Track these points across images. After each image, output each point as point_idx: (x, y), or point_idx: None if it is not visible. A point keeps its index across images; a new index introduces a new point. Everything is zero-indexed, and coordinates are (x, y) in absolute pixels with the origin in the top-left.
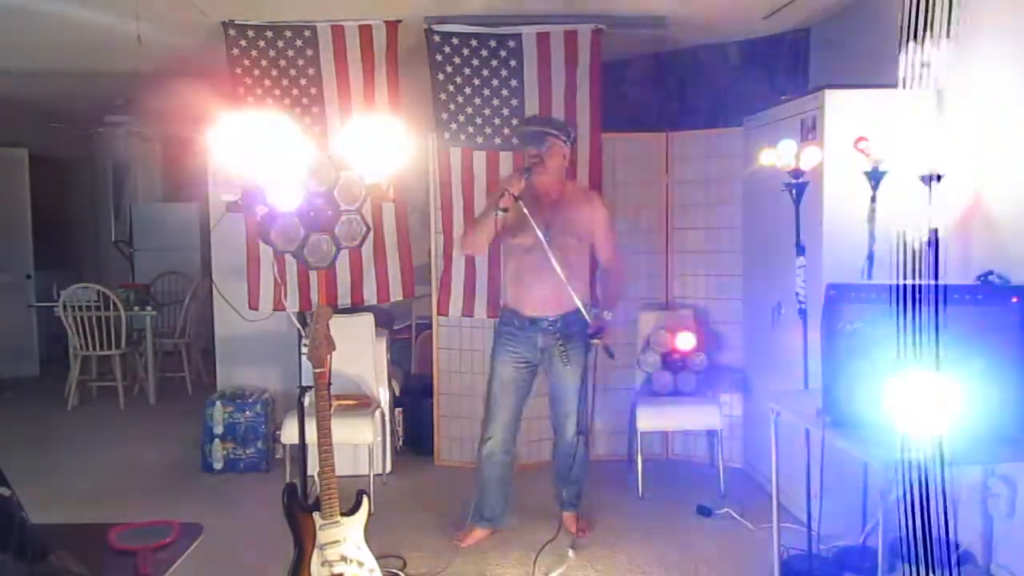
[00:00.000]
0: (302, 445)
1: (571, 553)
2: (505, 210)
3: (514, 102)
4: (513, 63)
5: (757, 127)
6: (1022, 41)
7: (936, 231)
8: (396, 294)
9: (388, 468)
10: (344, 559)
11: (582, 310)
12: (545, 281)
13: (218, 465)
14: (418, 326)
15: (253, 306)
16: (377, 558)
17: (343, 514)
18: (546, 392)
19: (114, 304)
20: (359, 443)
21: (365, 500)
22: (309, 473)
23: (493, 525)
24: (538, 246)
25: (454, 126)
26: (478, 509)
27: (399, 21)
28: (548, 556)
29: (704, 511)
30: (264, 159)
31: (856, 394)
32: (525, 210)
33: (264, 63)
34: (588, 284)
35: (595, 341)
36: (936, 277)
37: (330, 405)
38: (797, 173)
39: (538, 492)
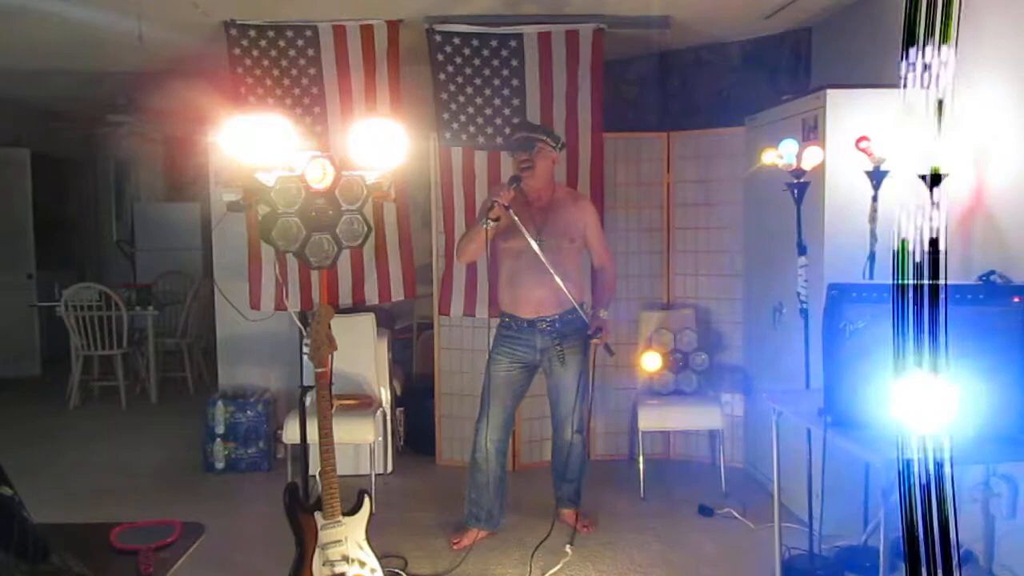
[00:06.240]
0: (303, 445)
1: (569, 548)
2: (497, 219)
3: (515, 102)
4: (514, 63)
5: (758, 127)
6: (1022, 41)
7: (937, 231)
8: (397, 294)
9: (389, 468)
10: (346, 559)
11: (579, 310)
12: (539, 283)
13: (220, 465)
14: (419, 326)
15: (255, 306)
16: (379, 558)
17: (345, 514)
18: (544, 392)
19: (116, 304)
20: (360, 443)
21: (367, 500)
22: (311, 473)
23: (489, 526)
24: (530, 249)
25: (455, 126)
26: (473, 511)
27: (400, 21)
28: (546, 554)
29: (705, 511)
30: (265, 159)
31: (857, 394)
32: (515, 218)
33: (266, 63)
34: (582, 285)
35: (595, 340)
36: (937, 277)
37: (331, 405)
38: (798, 173)
39: (538, 492)
